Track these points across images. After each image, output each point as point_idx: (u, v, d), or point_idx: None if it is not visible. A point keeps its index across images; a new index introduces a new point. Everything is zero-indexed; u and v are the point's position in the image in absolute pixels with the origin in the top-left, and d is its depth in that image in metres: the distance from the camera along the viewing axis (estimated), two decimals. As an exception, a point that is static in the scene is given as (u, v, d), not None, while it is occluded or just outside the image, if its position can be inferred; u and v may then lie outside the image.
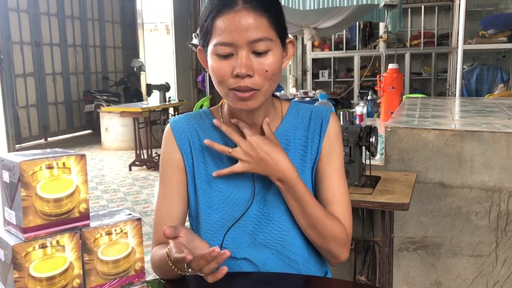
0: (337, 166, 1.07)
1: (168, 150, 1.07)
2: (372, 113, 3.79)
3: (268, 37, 0.91)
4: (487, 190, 1.97)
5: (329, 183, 1.05)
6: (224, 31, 0.90)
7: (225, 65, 0.92)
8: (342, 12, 5.21)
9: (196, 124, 1.07)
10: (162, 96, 6.44)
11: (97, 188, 5.16)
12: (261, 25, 0.90)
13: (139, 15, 10.68)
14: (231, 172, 1.00)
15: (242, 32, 0.89)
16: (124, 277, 0.74)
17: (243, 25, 0.89)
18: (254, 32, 0.90)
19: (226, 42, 0.90)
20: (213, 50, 0.93)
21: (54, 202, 0.67)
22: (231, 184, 1.04)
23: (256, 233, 1.03)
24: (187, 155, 1.06)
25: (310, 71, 9.08)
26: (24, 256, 0.64)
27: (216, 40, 0.91)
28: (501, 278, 2.01)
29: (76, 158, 0.68)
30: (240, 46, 0.90)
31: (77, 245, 0.69)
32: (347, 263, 2.21)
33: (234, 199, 1.04)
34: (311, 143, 1.06)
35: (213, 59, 0.93)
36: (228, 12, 0.90)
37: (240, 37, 0.89)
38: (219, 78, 0.93)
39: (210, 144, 0.99)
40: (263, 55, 0.92)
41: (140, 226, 0.76)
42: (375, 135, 1.80)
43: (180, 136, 1.06)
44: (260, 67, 0.92)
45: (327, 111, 1.09)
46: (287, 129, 1.07)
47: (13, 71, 7.52)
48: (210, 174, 1.04)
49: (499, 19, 5.18)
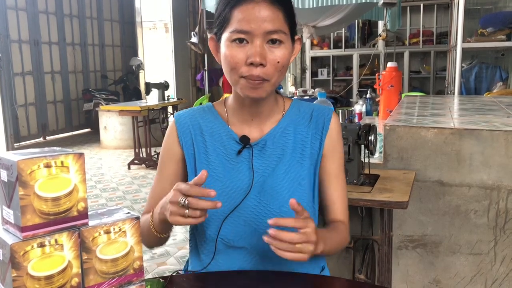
0: (340, 166, 1.12)
1: (169, 141, 1.13)
2: (371, 111, 3.80)
3: (282, 30, 0.97)
4: (486, 188, 1.97)
5: (334, 183, 1.10)
6: (242, 20, 0.95)
7: (239, 53, 0.96)
8: (341, 10, 5.21)
9: (199, 117, 1.12)
10: (161, 95, 6.44)
11: (96, 187, 5.15)
12: (277, 17, 0.96)
13: (138, 14, 10.67)
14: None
15: (260, 22, 0.94)
16: (122, 276, 0.74)
17: (262, 16, 0.94)
18: (271, 23, 0.95)
19: (244, 30, 0.95)
20: (229, 36, 0.97)
21: (52, 201, 0.66)
22: (231, 175, 1.07)
23: (256, 223, 1.06)
24: (188, 146, 1.10)
25: (309, 70, 9.07)
26: (23, 255, 0.64)
27: (234, 28, 0.96)
28: (499, 276, 2.01)
29: (74, 157, 0.68)
30: (256, 36, 0.95)
31: (75, 244, 0.69)
32: (346, 261, 2.21)
33: (234, 189, 1.07)
34: (312, 139, 1.09)
35: (228, 46, 0.97)
36: (248, 2, 0.95)
37: (257, 27, 0.94)
38: (232, 65, 0.97)
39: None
40: (276, 47, 0.97)
41: (139, 225, 0.76)
42: (374, 134, 1.80)
43: (183, 129, 1.11)
44: (273, 58, 0.96)
45: (329, 110, 1.13)
46: (288, 124, 1.11)
47: (11, 69, 7.51)
48: (211, 163, 1.08)
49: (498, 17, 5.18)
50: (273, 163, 1.07)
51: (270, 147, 1.08)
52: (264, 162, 1.07)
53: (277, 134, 1.09)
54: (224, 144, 1.09)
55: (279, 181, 1.06)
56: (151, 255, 3.30)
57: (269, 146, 1.08)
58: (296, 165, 1.07)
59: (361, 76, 7.86)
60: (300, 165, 1.08)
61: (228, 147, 1.08)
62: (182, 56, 10.57)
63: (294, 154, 1.08)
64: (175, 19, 10.41)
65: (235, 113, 1.10)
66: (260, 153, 1.08)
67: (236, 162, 1.08)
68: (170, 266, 3.05)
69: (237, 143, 1.08)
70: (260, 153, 1.08)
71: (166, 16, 10.88)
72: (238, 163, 1.07)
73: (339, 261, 2.23)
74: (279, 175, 1.06)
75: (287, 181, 1.07)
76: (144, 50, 10.81)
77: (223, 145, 1.08)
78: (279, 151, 1.08)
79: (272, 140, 1.09)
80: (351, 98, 8.54)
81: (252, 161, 1.07)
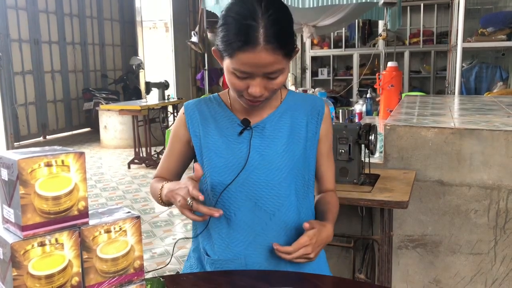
0: (330, 147, 1.31)
1: (178, 125, 1.27)
2: (371, 111, 3.79)
3: (281, 68, 1.06)
4: (486, 188, 1.97)
5: (326, 162, 1.29)
6: (244, 64, 1.03)
7: (240, 82, 1.07)
8: (341, 10, 5.20)
9: (205, 105, 1.25)
10: (161, 94, 6.43)
11: (96, 186, 5.15)
12: (276, 60, 1.03)
13: (138, 13, 10.67)
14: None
15: (261, 68, 1.03)
16: (123, 275, 0.74)
17: (262, 63, 1.02)
18: (271, 67, 1.04)
19: (245, 71, 1.04)
20: (231, 70, 1.06)
21: (52, 200, 0.66)
22: (233, 152, 1.18)
23: (257, 198, 1.17)
24: (194, 129, 1.22)
25: (309, 69, 9.06)
26: (23, 254, 0.64)
27: (236, 66, 1.04)
28: (499, 276, 2.01)
29: (75, 156, 0.68)
30: (256, 75, 1.05)
31: (76, 243, 0.69)
32: (346, 261, 2.21)
33: (235, 164, 1.17)
34: (308, 123, 1.23)
35: (230, 73, 1.08)
36: (250, 50, 1.01)
37: (257, 70, 1.04)
38: (234, 89, 1.10)
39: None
40: (275, 77, 1.07)
41: (139, 224, 0.76)
42: (374, 133, 1.80)
43: (190, 113, 1.23)
44: (271, 87, 1.08)
45: (321, 99, 1.30)
46: (286, 109, 1.24)
47: (11, 69, 7.50)
48: (215, 143, 1.19)
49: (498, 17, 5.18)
50: (272, 143, 1.19)
51: (269, 129, 1.20)
52: (264, 142, 1.19)
53: (275, 118, 1.21)
54: (227, 126, 1.20)
55: (277, 158, 1.18)
56: (151, 254, 3.30)
57: (268, 128, 1.20)
58: (293, 145, 1.20)
59: (361, 75, 7.85)
60: (296, 145, 1.20)
61: (230, 129, 1.20)
62: (182, 55, 10.56)
63: (291, 135, 1.21)
64: (175, 19, 10.40)
65: (237, 101, 1.19)
66: (260, 134, 1.19)
67: (238, 142, 1.19)
68: (170, 265, 3.05)
69: (238, 125, 1.20)
70: (260, 134, 1.19)
71: (166, 16, 10.88)
72: (240, 143, 1.18)
73: (339, 260, 2.23)
74: (278, 153, 1.18)
75: (285, 158, 1.18)
76: (144, 49, 10.81)
77: (226, 127, 1.20)
78: (277, 132, 1.20)
79: (271, 123, 1.21)
80: (351, 98, 8.53)
81: (251, 140, 1.18)
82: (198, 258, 1.25)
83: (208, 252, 1.21)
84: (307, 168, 1.23)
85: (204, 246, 1.23)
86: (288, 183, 1.18)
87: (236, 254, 1.17)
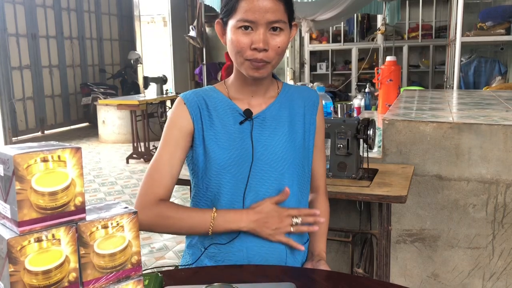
0: (323, 140, 1.33)
1: (178, 115, 1.20)
2: (369, 105, 3.79)
3: (282, 19, 1.11)
4: (485, 182, 1.97)
5: (318, 155, 1.31)
6: (248, 11, 1.08)
7: (244, 38, 1.10)
8: (340, 4, 5.18)
9: (204, 95, 1.23)
10: (159, 89, 6.42)
11: (95, 181, 5.15)
12: (279, 8, 1.09)
13: (136, 7, 10.63)
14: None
15: (263, 13, 1.08)
16: (120, 271, 0.74)
17: (265, 7, 1.08)
18: (273, 14, 1.09)
19: (249, 19, 1.08)
20: (236, 24, 1.10)
21: (49, 196, 0.66)
22: (236, 144, 1.18)
23: (260, 189, 1.18)
24: (197, 120, 1.19)
25: (308, 64, 9.04)
26: (20, 250, 0.64)
27: (240, 17, 1.09)
28: (497, 270, 2.02)
29: (72, 151, 0.68)
30: (260, 24, 1.09)
31: (73, 238, 0.68)
32: (344, 255, 2.21)
33: (239, 156, 1.17)
34: (306, 113, 1.26)
35: (234, 32, 1.11)
36: None
37: (261, 17, 1.08)
38: (238, 49, 1.11)
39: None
40: (277, 34, 1.11)
41: (137, 220, 0.75)
42: (373, 128, 1.80)
43: (191, 104, 1.20)
44: (274, 44, 1.11)
45: (313, 90, 1.33)
46: (284, 100, 1.26)
47: (9, 63, 7.48)
48: (217, 134, 1.18)
49: (497, 11, 5.17)
50: (273, 133, 1.21)
51: (269, 120, 1.21)
52: (265, 133, 1.20)
53: (275, 109, 1.23)
54: (229, 116, 1.20)
55: (280, 148, 1.20)
56: (150, 249, 3.30)
57: (268, 119, 1.21)
58: (293, 134, 1.22)
59: (360, 70, 7.84)
60: (296, 135, 1.23)
61: (232, 119, 1.20)
62: (180, 50, 10.53)
63: (291, 125, 1.23)
64: (174, 13, 10.37)
65: (237, 90, 1.23)
66: (261, 125, 1.20)
67: (239, 133, 1.19)
68: (169, 260, 3.06)
69: (240, 115, 1.20)
70: (260, 125, 1.20)
71: (164, 10, 10.84)
72: (242, 133, 1.19)
73: (338, 255, 2.23)
74: (281, 143, 1.20)
75: (287, 149, 1.20)
76: (142, 44, 10.78)
77: (228, 118, 1.20)
78: (278, 123, 1.22)
79: (271, 114, 1.22)
80: (350, 92, 8.52)
81: (252, 132, 1.19)
82: (192, 254, 1.23)
83: (209, 245, 1.19)
84: (306, 158, 1.25)
85: (203, 240, 1.20)
86: (291, 173, 1.20)
87: (238, 246, 1.16)
